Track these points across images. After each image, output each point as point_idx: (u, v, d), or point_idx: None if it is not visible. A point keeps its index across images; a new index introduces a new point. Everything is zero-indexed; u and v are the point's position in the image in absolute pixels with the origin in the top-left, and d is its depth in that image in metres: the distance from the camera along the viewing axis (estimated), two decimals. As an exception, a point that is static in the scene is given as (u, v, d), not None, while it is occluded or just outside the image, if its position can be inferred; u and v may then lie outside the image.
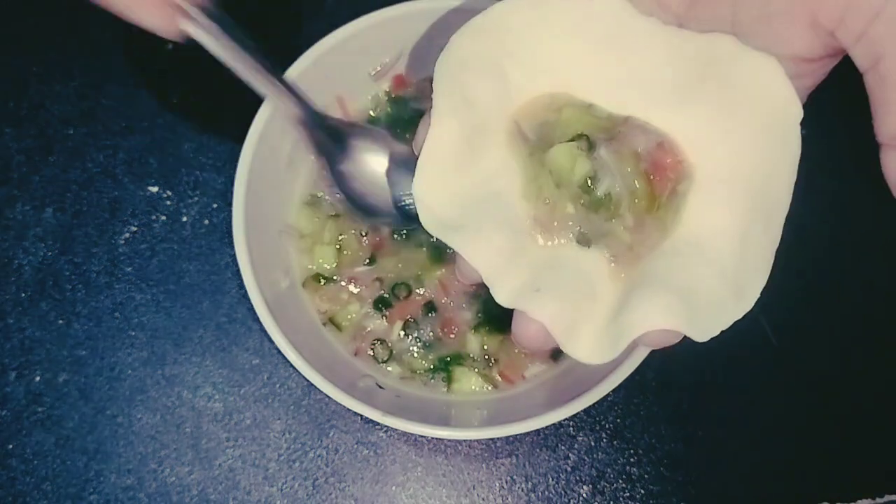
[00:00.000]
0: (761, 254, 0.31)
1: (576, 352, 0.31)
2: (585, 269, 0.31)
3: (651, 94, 0.32)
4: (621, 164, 0.31)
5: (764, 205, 0.31)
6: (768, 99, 0.31)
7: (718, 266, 0.31)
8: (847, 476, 0.51)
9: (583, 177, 0.31)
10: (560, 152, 0.31)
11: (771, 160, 0.31)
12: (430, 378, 0.49)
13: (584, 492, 0.50)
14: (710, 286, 0.30)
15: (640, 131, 0.32)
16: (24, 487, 0.49)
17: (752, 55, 0.31)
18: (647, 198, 0.31)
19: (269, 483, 0.49)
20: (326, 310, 0.50)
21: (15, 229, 0.53)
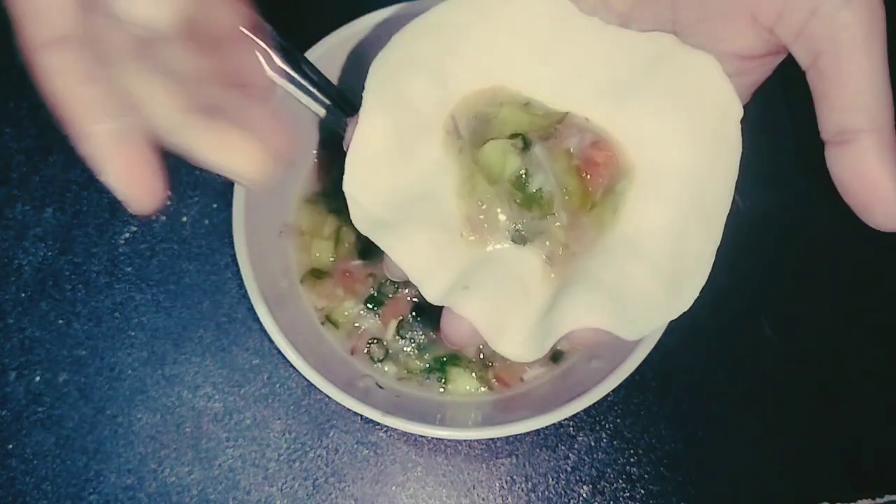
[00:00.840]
0: (699, 254, 0.31)
1: (504, 349, 0.31)
2: (519, 268, 0.31)
3: (592, 92, 0.32)
4: (554, 161, 0.31)
5: (703, 204, 0.31)
6: (707, 97, 0.31)
7: (653, 265, 0.31)
8: (847, 476, 0.51)
9: (513, 173, 0.31)
10: (491, 149, 0.31)
11: (711, 159, 0.31)
12: (425, 378, 0.49)
13: (584, 492, 0.50)
14: (643, 285, 0.30)
15: (576, 129, 0.32)
16: (24, 487, 0.49)
17: (691, 54, 0.31)
18: (579, 195, 0.31)
19: (269, 483, 0.49)
20: (323, 307, 0.50)
21: (15, 229, 0.53)
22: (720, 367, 0.52)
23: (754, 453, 0.51)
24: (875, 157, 0.28)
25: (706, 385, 0.52)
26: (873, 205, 0.28)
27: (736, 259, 0.53)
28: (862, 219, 0.29)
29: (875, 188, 0.28)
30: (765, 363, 0.52)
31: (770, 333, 0.52)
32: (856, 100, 0.28)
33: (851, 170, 0.28)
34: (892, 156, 0.28)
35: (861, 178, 0.28)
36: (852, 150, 0.28)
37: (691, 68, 0.31)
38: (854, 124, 0.28)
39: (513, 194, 0.31)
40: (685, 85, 0.31)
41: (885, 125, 0.28)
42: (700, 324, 0.51)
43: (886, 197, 0.28)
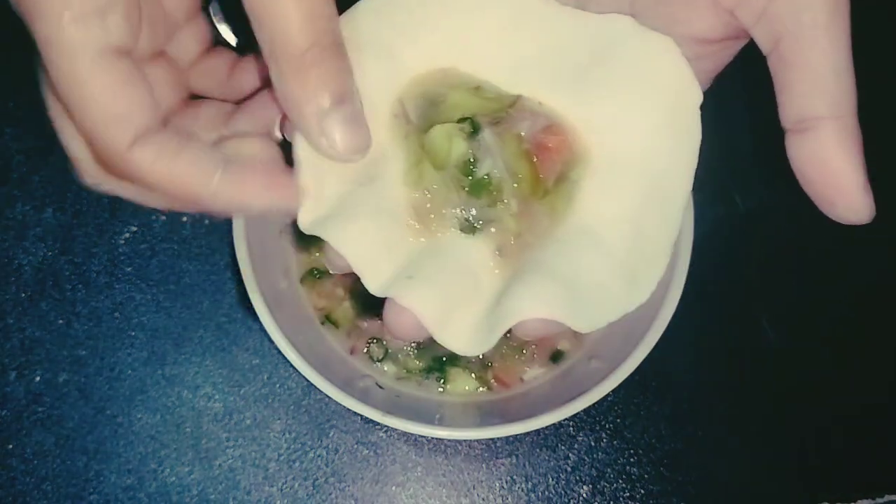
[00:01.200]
0: (658, 243, 0.30)
1: (449, 342, 0.29)
2: (467, 258, 0.30)
3: (548, 76, 0.31)
4: (504, 146, 0.30)
5: (662, 192, 0.30)
6: (665, 82, 0.30)
7: (610, 256, 0.30)
8: (847, 476, 0.51)
9: (459, 158, 0.30)
10: (437, 133, 0.30)
11: (668, 145, 0.30)
12: (424, 378, 0.49)
13: (584, 492, 0.50)
14: (598, 276, 0.29)
15: (528, 113, 0.31)
16: (24, 487, 0.49)
17: (649, 36, 0.30)
18: (530, 181, 0.30)
19: (269, 483, 0.49)
20: (323, 307, 0.50)
21: (15, 229, 0.53)
22: (720, 367, 0.52)
23: (754, 453, 0.51)
24: (836, 146, 0.27)
25: (706, 385, 0.52)
26: (833, 196, 0.27)
27: (736, 259, 0.53)
28: (822, 210, 0.28)
29: (836, 178, 0.27)
30: (765, 363, 0.52)
31: (770, 333, 0.52)
32: (817, 86, 0.27)
33: (811, 159, 0.27)
34: (855, 145, 0.27)
35: (821, 167, 0.27)
36: (813, 139, 0.27)
37: (649, 51, 0.30)
38: (815, 111, 0.27)
39: (460, 181, 0.30)
40: (643, 69, 0.30)
41: (848, 113, 0.27)
42: (700, 324, 0.51)
43: (847, 188, 0.27)
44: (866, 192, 0.28)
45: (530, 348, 0.49)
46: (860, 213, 0.28)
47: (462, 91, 0.31)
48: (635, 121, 0.30)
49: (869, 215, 0.28)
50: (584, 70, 0.31)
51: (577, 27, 0.31)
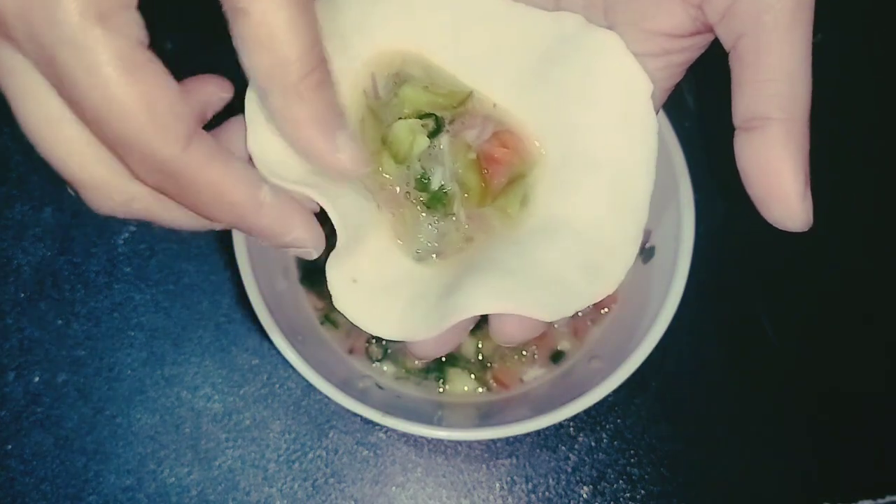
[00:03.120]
0: (622, 236, 0.30)
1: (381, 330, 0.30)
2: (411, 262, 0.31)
3: (503, 75, 0.32)
4: (454, 155, 0.30)
5: (623, 184, 0.30)
6: (613, 77, 0.30)
7: (568, 250, 0.30)
8: (847, 476, 0.51)
9: (419, 153, 0.30)
10: (400, 128, 0.30)
11: (624, 138, 0.30)
12: (423, 378, 0.49)
13: (585, 492, 0.50)
14: (557, 270, 0.29)
15: (479, 119, 0.31)
16: (23, 488, 0.49)
17: (595, 34, 0.30)
18: (478, 192, 0.30)
19: (268, 484, 0.49)
20: (323, 306, 0.50)
21: (14, 229, 0.52)
22: (720, 367, 0.52)
23: (754, 453, 0.51)
24: (780, 149, 0.27)
25: (706, 385, 0.52)
26: (771, 199, 0.27)
27: (736, 259, 0.53)
28: (760, 212, 0.27)
29: (775, 181, 0.27)
30: (765, 363, 0.52)
31: (770, 333, 0.52)
32: (770, 87, 0.27)
33: (754, 158, 0.27)
34: (799, 150, 0.27)
35: (763, 168, 0.27)
36: (758, 138, 0.27)
37: (596, 49, 0.30)
38: (764, 111, 0.27)
39: (417, 195, 0.30)
40: (591, 67, 0.30)
41: (798, 117, 0.27)
42: (700, 324, 0.51)
43: (785, 192, 0.27)
44: (803, 198, 0.27)
45: (530, 349, 0.49)
46: (795, 219, 0.27)
47: (413, 86, 0.31)
48: (588, 118, 0.30)
49: (804, 223, 0.28)
50: (535, 69, 0.31)
51: (528, 26, 0.31)
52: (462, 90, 0.32)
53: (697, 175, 0.45)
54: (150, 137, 0.24)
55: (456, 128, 0.31)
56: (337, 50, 0.30)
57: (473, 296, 0.28)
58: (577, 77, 0.30)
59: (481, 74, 0.32)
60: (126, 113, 0.23)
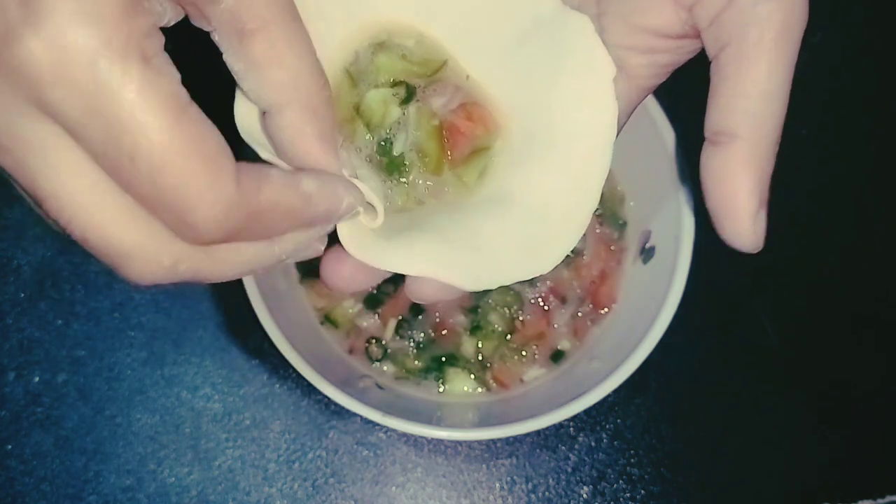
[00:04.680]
0: (569, 218, 0.30)
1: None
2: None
3: (477, 47, 0.32)
4: (419, 122, 0.31)
5: (578, 167, 0.30)
6: (580, 59, 0.30)
7: (512, 226, 0.30)
8: (847, 476, 0.51)
9: (391, 123, 0.31)
10: (373, 98, 0.31)
11: (585, 120, 0.30)
12: (423, 378, 0.49)
13: (585, 493, 0.50)
14: (495, 242, 0.30)
15: (451, 88, 0.31)
16: (23, 488, 0.49)
17: (567, 15, 0.30)
18: (435, 161, 0.31)
19: (268, 484, 0.49)
20: (323, 306, 0.50)
21: (14, 229, 0.52)
22: (720, 367, 0.52)
23: (754, 453, 0.51)
24: (740, 167, 0.26)
25: (706, 385, 0.52)
26: (724, 215, 0.27)
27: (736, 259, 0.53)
28: (715, 228, 0.27)
29: (730, 199, 0.27)
30: (765, 363, 0.52)
31: (770, 333, 0.52)
32: (743, 103, 0.26)
33: (714, 173, 0.27)
34: (760, 172, 0.27)
35: (720, 184, 0.27)
36: (721, 154, 0.27)
37: (567, 30, 0.30)
38: (732, 128, 0.27)
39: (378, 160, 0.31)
40: (560, 47, 0.30)
41: (764, 138, 0.26)
42: (700, 324, 0.51)
43: (738, 211, 0.27)
44: (754, 219, 0.27)
45: (531, 349, 0.49)
46: (743, 239, 0.27)
47: (389, 53, 0.32)
48: (552, 97, 0.31)
49: (752, 244, 0.27)
50: (510, 46, 0.31)
51: (508, 2, 0.31)
52: (437, 59, 0.32)
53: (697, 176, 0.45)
54: (210, 181, 0.22)
55: (425, 94, 0.31)
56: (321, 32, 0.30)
57: (400, 255, 0.29)
58: (547, 57, 0.31)
59: (458, 46, 0.32)
60: (181, 159, 0.21)
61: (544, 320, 0.50)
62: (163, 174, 0.21)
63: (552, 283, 0.50)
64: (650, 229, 0.48)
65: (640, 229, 0.49)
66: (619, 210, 0.51)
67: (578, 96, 0.30)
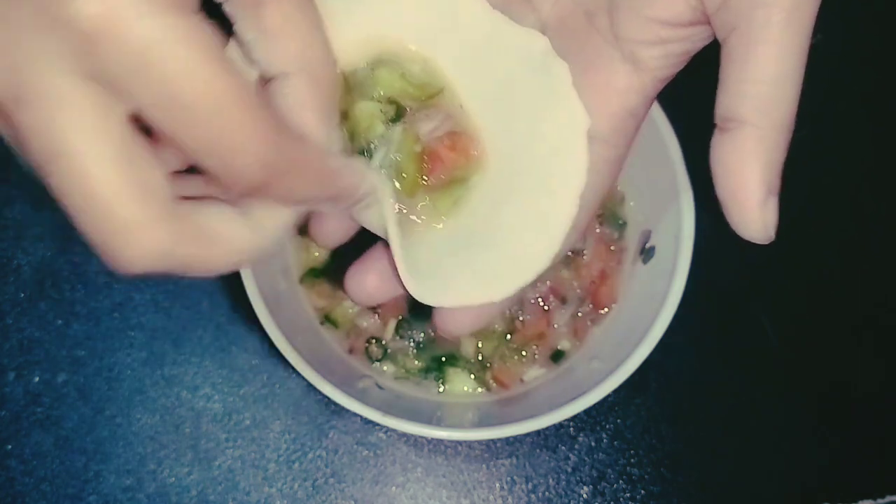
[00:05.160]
0: (529, 256, 0.31)
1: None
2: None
3: (472, 79, 0.32)
4: (403, 142, 0.31)
5: (544, 210, 0.31)
6: (557, 110, 0.31)
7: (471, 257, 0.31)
8: (847, 476, 0.51)
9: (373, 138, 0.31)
10: (362, 109, 0.31)
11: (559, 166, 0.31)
12: (423, 378, 0.49)
13: (585, 493, 0.50)
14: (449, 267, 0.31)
15: (442, 115, 0.32)
16: (23, 488, 0.49)
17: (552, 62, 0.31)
18: (410, 185, 0.31)
19: (268, 484, 0.49)
20: (323, 306, 0.50)
21: (13, 229, 0.52)
22: (720, 367, 0.52)
23: (754, 453, 0.51)
24: (749, 154, 0.26)
25: (706, 385, 0.52)
26: (732, 204, 0.27)
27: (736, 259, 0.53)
28: (725, 216, 0.27)
29: (739, 187, 0.26)
30: (765, 363, 0.52)
31: (770, 333, 0.52)
32: (752, 89, 0.26)
33: (724, 160, 0.27)
34: (770, 159, 0.26)
35: (729, 172, 0.27)
36: (731, 141, 0.26)
37: (550, 77, 0.31)
38: (742, 114, 0.26)
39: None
40: (542, 93, 0.31)
41: (775, 125, 0.26)
42: (700, 324, 0.51)
43: (746, 199, 0.26)
44: (762, 208, 0.27)
45: (531, 349, 0.49)
46: (751, 228, 0.27)
47: (390, 70, 0.32)
48: (532, 141, 0.31)
49: (760, 234, 0.27)
50: (502, 81, 0.32)
51: (504, 38, 0.32)
52: (435, 85, 0.32)
53: (697, 175, 0.45)
54: (257, 126, 0.22)
55: (415, 118, 0.31)
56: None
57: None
58: (531, 100, 0.31)
59: (458, 75, 0.32)
60: (232, 106, 0.22)
61: (544, 320, 0.50)
62: (218, 121, 0.21)
63: (552, 283, 0.50)
64: (650, 229, 0.48)
65: (640, 229, 0.49)
66: (619, 210, 0.51)
67: (552, 146, 0.31)
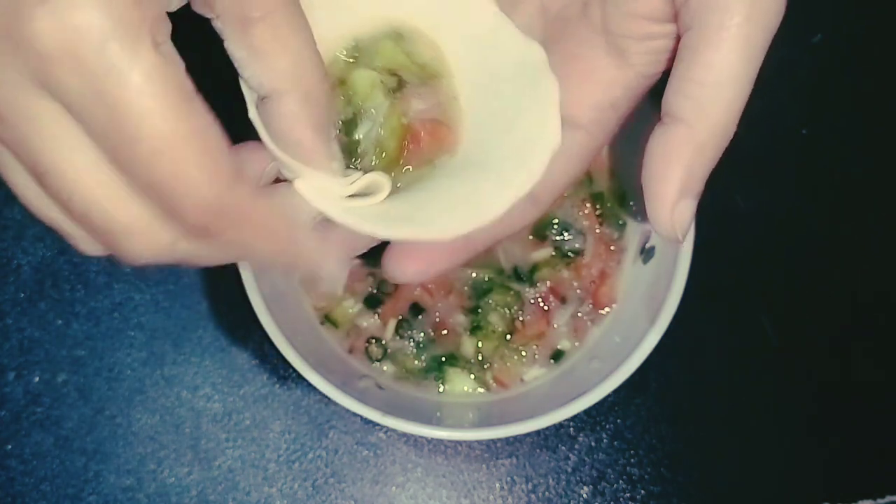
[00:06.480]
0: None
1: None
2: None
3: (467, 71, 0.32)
4: (389, 116, 0.30)
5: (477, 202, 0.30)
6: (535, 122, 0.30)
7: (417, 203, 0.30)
8: (847, 476, 0.51)
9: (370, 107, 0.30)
10: (362, 77, 0.31)
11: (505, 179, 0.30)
12: (423, 378, 0.49)
13: (585, 493, 0.50)
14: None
15: (435, 100, 0.31)
16: (23, 488, 0.49)
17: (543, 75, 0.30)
18: (389, 161, 0.31)
19: (268, 484, 0.49)
20: (323, 306, 0.50)
21: (13, 229, 0.52)
22: (720, 367, 0.52)
23: (754, 453, 0.51)
24: (676, 153, 0.26)
25: (706, 385, 0.52)
26: (649, 197, 0.27)
27: (736, 259, 0.53)
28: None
29: (658, 182, 0.27)
30: (765, 363, 0.52)
31: (770, 333, 0.52)
32: (689, 87, 0.26)
33: (652, 152, 0.27)
34: (693, 160, 0.26)
35: (654, 165, 0.27)
36: (664, 135, 0.27)
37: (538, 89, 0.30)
38: (676, 111, 0.26)
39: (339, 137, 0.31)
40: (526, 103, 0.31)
41: (706, 127, 0.26)
42: (700, 324, 0.51)
43: (659, 196, 0.27)
44: (673, 208, 0.27)
45: (531, 349, 0.49)
46: (660, 227, 0.27)
47: (394, 43, 0.32)
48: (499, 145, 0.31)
49: (669, 234, 0.27)
50: (494, 80, 0.32)
51: (505, 40, 0.32)
52: (435, 69, 0.32)
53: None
54: (204, 173, 0.22)
55: (409, 93, 0.31)
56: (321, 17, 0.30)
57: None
58: (515, 106, 0.31)
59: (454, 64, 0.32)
60: (181, 147, 0.21)
61: (544, 320, 0.50)
62: (162, 160, 0.21)
63: (552, 283, 0.50)
64: (650, 229, 0.48)
65: (640, 229, 0.49)
66: (619, 210, 0.51)
67: (520, 151, 0.30)
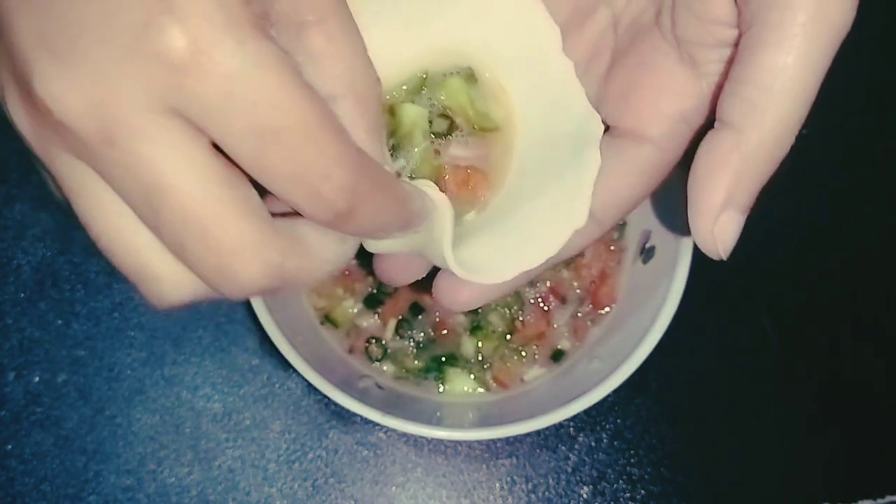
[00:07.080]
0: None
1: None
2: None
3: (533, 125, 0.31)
4: (425, 160, 0.30)
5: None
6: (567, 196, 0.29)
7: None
8: (847, 476, 0.51)
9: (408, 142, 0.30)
10: (409, 112, 0.30)
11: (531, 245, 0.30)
12: (423, 378, 0.49)
13: (585, 493, 0.50)
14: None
15: (479, 149, 0.30)
16: (23, 488, 0.49)
17: (592, 151, 0.29)
18: None
19: (268, 484, 0.49)
20: (323, 306, 0.50)
21: (13, 229, 0.52)
22: (720, 368, 0.52)
23: (754, 453, 0.51)
24: (723, 160, 0.24)
25: (706, 385, 0.52)
26: (691, 207, 0.25)
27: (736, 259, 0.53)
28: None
29: (702, 191, 0.25)
30: (765, 363, 0.52)
31: (770, 333, 0.52)
32: (744, 91, 0.24)
33: (701, 159, 0.25)
34: (741, 169, 0.24)
35: (700, 172, 0.25)
36: (713, 140, 0.25)
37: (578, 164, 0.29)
38: (728, 116, 0.25)
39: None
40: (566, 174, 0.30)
41: (759, 133, 0.24)
42: (700, 324, 0.51)
43: (702, 206, 0.25)
44: (715, 218, 0.25)
45: (530, 349, 0.49)
46: (700, 237, 0.26)
47: (463, 82, 0.31)
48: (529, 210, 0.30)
49: (709, 248, 0.26)
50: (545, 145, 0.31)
51: (570, 106, 0.30)
52: (498, 123, 0.31)
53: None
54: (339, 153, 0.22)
55: (455, 137, 0.30)
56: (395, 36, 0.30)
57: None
58: (554, 171, 0.30)
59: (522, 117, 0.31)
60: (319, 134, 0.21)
61: (544, 320, 0.50)
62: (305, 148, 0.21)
63: (552, 283, 0.50)
64: (650, 229, 0.48)
65: (640, 229, 0.49)
66: (619, 210, 0.51)
67: (544, 224, 0.30)
